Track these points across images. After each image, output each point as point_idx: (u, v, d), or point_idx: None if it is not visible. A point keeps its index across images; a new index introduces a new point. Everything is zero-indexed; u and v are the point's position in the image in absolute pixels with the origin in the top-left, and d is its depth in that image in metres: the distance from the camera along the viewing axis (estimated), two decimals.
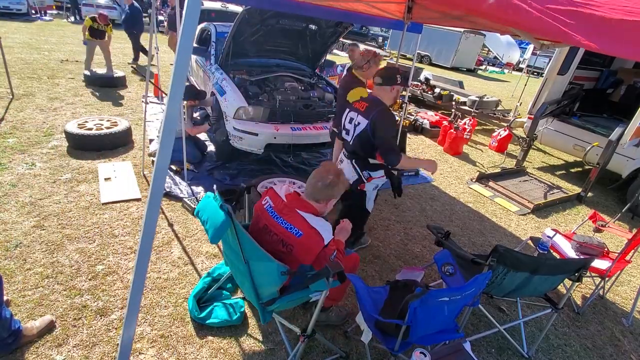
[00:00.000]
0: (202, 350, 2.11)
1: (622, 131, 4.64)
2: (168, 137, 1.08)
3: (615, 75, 6.83)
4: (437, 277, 3.00)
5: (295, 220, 1.75)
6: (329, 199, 1.85)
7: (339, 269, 1.58)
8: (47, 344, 1.99)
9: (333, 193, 1.84)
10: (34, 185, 3.37)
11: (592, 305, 3.03)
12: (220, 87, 4.23)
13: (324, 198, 1.84)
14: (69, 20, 14.76)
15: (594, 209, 4.15)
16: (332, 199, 1.87)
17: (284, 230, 1.75)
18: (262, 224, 1.85)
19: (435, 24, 4.76)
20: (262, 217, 1.86)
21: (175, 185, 3.74)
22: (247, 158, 4.61)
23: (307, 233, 1.72)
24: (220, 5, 9.07)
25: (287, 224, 1.75)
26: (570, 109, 6.37)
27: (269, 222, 1.82)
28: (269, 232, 1.81)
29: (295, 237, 1.72)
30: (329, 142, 4.52)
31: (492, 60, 23.95)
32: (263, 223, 1.85)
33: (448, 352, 1.49)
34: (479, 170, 5.70)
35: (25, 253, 2.58)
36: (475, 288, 1.71)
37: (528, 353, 2.43)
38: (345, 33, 4.96)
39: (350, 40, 19.95)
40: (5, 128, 4.42)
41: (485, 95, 8.62)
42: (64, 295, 2.29)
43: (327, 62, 7.03)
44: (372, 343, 2.24)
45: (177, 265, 2.72)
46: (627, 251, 2.83)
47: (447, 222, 3.99)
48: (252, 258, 1.72)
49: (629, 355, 2.62)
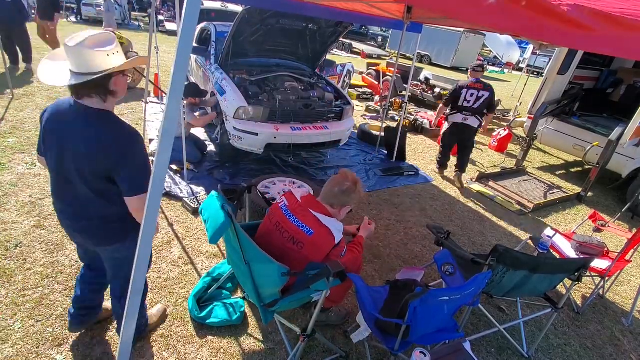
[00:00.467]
0: (202, 350, 2.11)
1: (622, 131, 4.64)
2: (168, 137, 1.08)
3: (615, 75, 6.83)
4: (437, 277, 3.00)
5: (307, 219, 1.77)
6: (343, 205, 1.86)
7: (339, 268, 1.58)
8: (47, 344, 1.99)
9: (348, 200, 1.86)
10: (34, 185, 3.37)
11: (592, 305, 3.03)
12: (220, 87, 4.23)
13: (338, 204, 1.85)
14: (69, 20, 14.75)
15: (594, 209, 4.15)
16: (346, 206, 1.88)
17: (296, 228, 1.77)
18: (275, 221, 1.87)
19: (435, 23, 4.77)
20: (276, 215, 1.88)
21: (175, 185, 3.74)
22: (247, 158, 4.61)
23: (318, 231, 1.73)
24: (220, 5, 9.08)
25: (299, 222, 1.77)
26: (570, 108, 6.37)
27: (281, 220, 1.84)
28: (280, 230, 1.82)
29: (306, 235, 1.74)
30: (328, 142, 4.53)
31: (492, 60, 23.93)
32: (275, 221, 1.86)
33: (448, 351, 1.49)
34: (479, 170, 5.71)
35: (25, 253, 2.58)
36: (475, 287, 1.71)
37: (528, 353, 2.43)
38: (345, 33, 4.96)
39: (350, 40, 19.98)
40: (5, 128, 4.42)
41: None
42: (64, 295, 2.29)
43: (327, 62, 7.03)
44: (372, 343, 2.25)
45: (177, 265, 2.72)
46: (627, 251, 2.83)
47: (447, 222, 3.99)
48: (252, 260, 1.73)
49: (629, 355, 2.62)
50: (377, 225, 3.68)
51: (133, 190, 1.47)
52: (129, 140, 1.47)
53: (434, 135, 6.87)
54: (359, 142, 6.00)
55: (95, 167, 1.45)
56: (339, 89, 5.14)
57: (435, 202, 4.40)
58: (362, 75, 10.16)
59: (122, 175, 1.45)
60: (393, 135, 5.37)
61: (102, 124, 1.46)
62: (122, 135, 1.47)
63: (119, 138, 1.45)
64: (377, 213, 3.93)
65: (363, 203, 4.07)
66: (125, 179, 1.46)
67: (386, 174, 4.94)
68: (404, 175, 4.97)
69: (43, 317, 2.13)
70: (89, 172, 1.46)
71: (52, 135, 1.49)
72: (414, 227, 3.77)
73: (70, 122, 1.45)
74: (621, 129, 4.67)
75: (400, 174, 4.98)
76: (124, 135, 1.47)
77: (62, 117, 1.48)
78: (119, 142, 1.44)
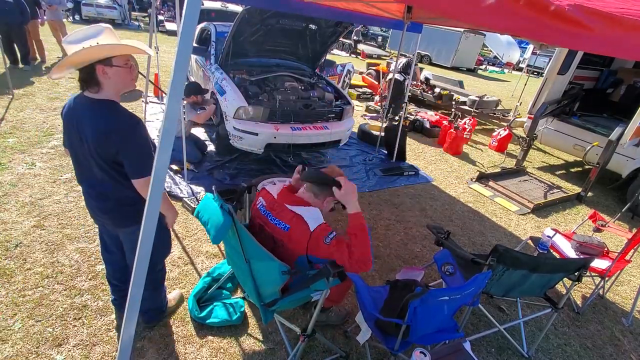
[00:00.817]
0: (202, 350, 2.11)
1: (622, 131, 4.64)
2: (168, 137, 1.08)
3: (615, 75, 6.83)
4: (437, 277, 3.00)
5: (283, 215, 1.74)
6: (326, 196, 1.82)
7: (339, 268, 1.58)
8: (47, 344, 1.99)
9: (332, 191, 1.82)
10: (34, 185, 3.37)
11: (592, 305, 3.03)
12: (220, 87, 4.23)
13: (320, 195, 1.81)
14: (69, 20, 14.75)
15: (594, 209, 4.15)
16: (329, 197, 1.82)
17: (274, 226, 1.75)
18: (258, 223, 1.86)
19: (436, 23, 4.76)
20: (257, 217, 1.87)
21: (175, 185, 3.74)
22: (247, 158, 4.61)
23: (292, 224, 1.69)
24: (220, 5, 9.08)
25: (275, 219, 1.75)
26: (570, 108, 6.36)
27: (262, 221, 1.82)
28: (264, 231, 1.81)
29: (283, 232, 1.71)
30: (328, 142, 4.52)
31: (492, 60, 23.93)
32: (258, 223, 1.85)
33: (448, 351, 1.49)
34: (479, 170, 5.70)
35: (25, 253, 2.58)
36: (475, 287, 1.71)
37: (528, 353, 2.43)
38: (345, 33, 4.96)
39: (349, 39, 19.93)
40: (5, 128, 4.42)
41: (485, 95, 8.62)
42: (64, 295, 2.30)
43: (327, 62, 7.03)
44: (372, 343, 2.25)
45: (177, 265, 2.72)
46: (626, 251, 2.83)
47: (447, 222, 3.99)
48: (253, 257, 1.72)
49: (629, 355, 2.62)
50: (377, 225, 3.69)
51: (138, 173, 1.59)
52: (130, 127, 1.58)
53: (434, 135, 6.87)
54: (359, 142, 6.00)
55: (102, 153, 1.58)
56: (339, 89, 5.14)
57: (435, 202, 4.40)
58: (362, 75, 10.16)
59: (126, 159, 1.58)
60: (393, 135, 5.37)
61: (104, 114, 1.57)
62: (122, 122, 1.58)
63: (120, 125, 1.57)
64: (377, 213, 3.93)
65: (363, 203, 4.07)
66: (129, 163, 1.59)
67: (386, 174, 4.94)
68: (404, 175, 4.97)
69: (43, 317, 2.13)
70: (99, 157, 1.60)
71: (69, 126, 1.65)
72: (414, 227, 3.77)
73: (80, 113, 1.59)
74: (621, 129, 4.66)
75: (400, 174, 4.98)
76: (125, 122, 1.58)
77: (74, 109, 1.62)
78: (120, 129, 1.56)
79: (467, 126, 6.55)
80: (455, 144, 6.20)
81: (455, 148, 6.22)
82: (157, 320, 2.21)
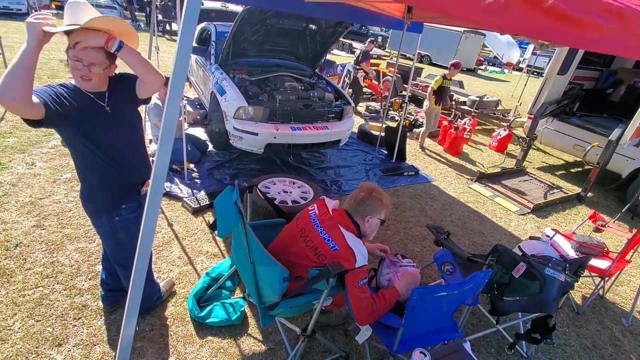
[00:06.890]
0: (202, 349, 2.11)
1: (622, 131, 4.64)
2: (168, 137, 1.08)
3: (615, 75, 6.83)
4: (437, 277, 3.00)
5: (334, 234, 1.74)
6: (364, 215, 1.81)
7: (339, 269, 1.58)
8: (47, 344, 1.99)
9: (365, 209, 1.81)
10: (34, 185, 3.37)
11: (592, 305, 3.03)
12: (220, 87, 4.23)
13: (358, 215, 1.82)
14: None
15: (593, 209, 4.15)
16: (367, 216, 1.81)
17: (322, 240, 1.75)
18: (301, 227, 1.86)
19: (436, 23, 4.76)
20: (303, 221, 1.87)
21: (175, 185, 3.74)
22: (247, 158, 4.61)
23: (343, 250, 1.70)
24: (220, 5, 9.08)
25: (326, 234, 1.75)
26: (570, 108, 6.37)
27: (308, 227, 1.82)
28: (305, 237, 1.81)
29: (330, 250, 1.71)
30: (328, 142, 4.53)
31: (492, 60, 23.93)
32: (302, 227, 1.86)
33: (448, 351, 1.49)
34: (479, 170, 5.71)
35: (25, 253, 2.58)
36: (473, 284, 1.71)
37: (527, 353, 2.43)
38: (345, 33, 4.96)
39: (350, 40, 19.94)
40: (5, 128, 4.42)
41: (485, 95, 8.63)
42: (64, 295, 2.30)
43: (327, 62, 7.03)
44: (372, 342, 2.25)
45: (177, 265, 2.72)
46: (626, 251, 2.83)
47: (447, 222, 3.99)
48: (257, 261, 1.74)
49: (629, 355, 2.62)
50: None
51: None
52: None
53: (434, 135, 6.87)
54: (359, 142, 6.00)
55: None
56: (339, 89, 5.14)
57: (435, 202, 4.40)
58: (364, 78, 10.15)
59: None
60: (393, 136, 5.37)
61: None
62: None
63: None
64: None
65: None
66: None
67: (386, 174, 4.94)
68: (403, 175, 4.97)
69: (43, 317, 2.13)
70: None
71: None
72: (413, 227, 3.77)
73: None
74: (621, 129, 4.66)
75: (400, 174, 4.98)
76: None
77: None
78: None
79: (467, 126, 6.56)
80: (455, 144, 6.20)
81: (455, 148, 6.22)
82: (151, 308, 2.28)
